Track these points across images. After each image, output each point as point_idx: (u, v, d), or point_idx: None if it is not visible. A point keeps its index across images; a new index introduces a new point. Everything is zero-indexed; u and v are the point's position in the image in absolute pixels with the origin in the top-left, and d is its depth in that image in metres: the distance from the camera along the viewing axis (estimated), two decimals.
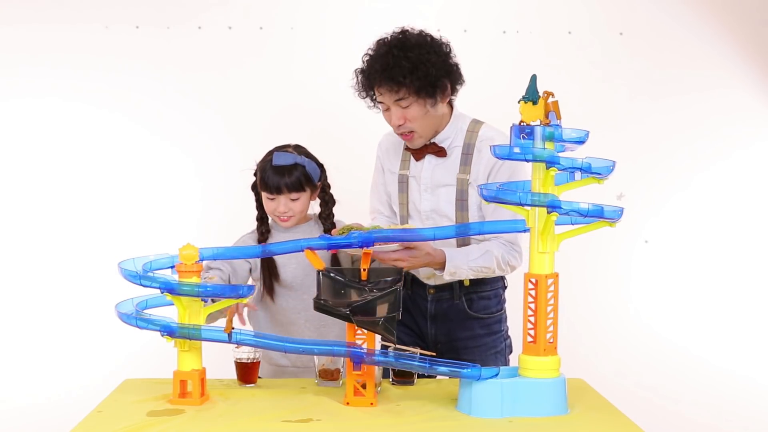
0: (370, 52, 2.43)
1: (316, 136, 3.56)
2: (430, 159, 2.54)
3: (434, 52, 2.38)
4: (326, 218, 2.61)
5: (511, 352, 2.65)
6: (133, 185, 3.63)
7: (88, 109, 3.61)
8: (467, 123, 2.54)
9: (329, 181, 2.63)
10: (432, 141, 2.52)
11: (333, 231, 2.37)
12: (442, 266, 2.40)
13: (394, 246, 2.25)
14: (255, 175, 2.61)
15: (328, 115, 3.59)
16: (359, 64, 2.46)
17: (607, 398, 2.22)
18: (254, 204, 2.63)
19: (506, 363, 2.63)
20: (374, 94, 2.45)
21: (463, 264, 2.41)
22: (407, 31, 2.42)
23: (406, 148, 2.57)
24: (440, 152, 2.51)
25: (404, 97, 2.38)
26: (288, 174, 2.51)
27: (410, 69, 2.33)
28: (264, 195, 2.56)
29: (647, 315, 3.73)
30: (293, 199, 2.53)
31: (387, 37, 2.42)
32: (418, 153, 2.54)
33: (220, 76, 3.63)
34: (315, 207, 2.66)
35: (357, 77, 2.46)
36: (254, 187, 2.62)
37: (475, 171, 2.49)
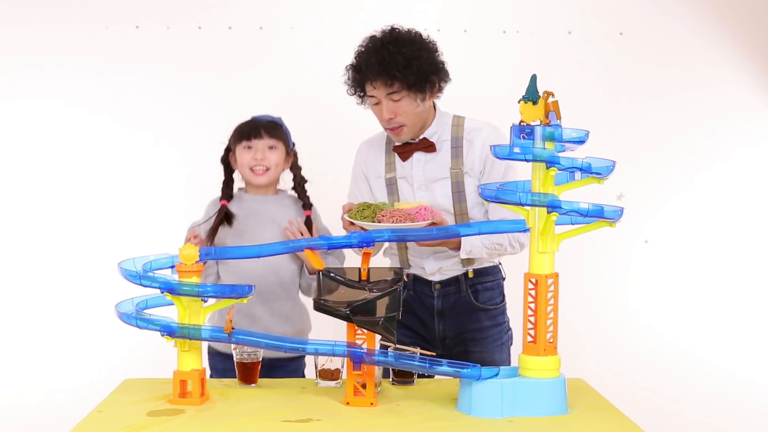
0: (362, 48, 2.49)
1: (316, 135, 3.57)
2: (418, 156, 2.57)
3: (425, 48, 2.47)
4: (301, 191, 2.69)
5: (512, 343, 2.69)
6: (133, 185, 3.63)
7: (88, 109, 3.61)
8: (450, 118, 2.61)
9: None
10: (422, 137, 2.56)
11: (345, 205, 2.42)
12: (457, 246, 2.46)
13: (424, 223, 2.30)
14: (228, 142, 2.70)
15: (328, 115, 3.58)
16: (345, 82, 2.54)
17: (607, 398, 2.22)
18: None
19: (509, 355, 2.67)
20: (364, 92, 2.51)
21: (477, 241, 2.47)
22: (396, 28, 2.49)
23: (394, 149, 2.59)
24: (430, 147, 2.55)
25: (397, 90, 2.44)
26: (266, 123, 2.65)
27: (404, 64, 2.41)
28: (240, 147, 2.63)
29: (647, 315, 3.73)
30: (270, 147, 2.62)
31: (377, 34, 2.48)
32: (405, 153, 2.57)
33: (220, 76, 3.63)
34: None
35: (348, 73, 2.52)
36: (224, 159, 2.71)
37: (469, 160, 2.53)
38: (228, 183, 2.72)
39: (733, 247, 3.73)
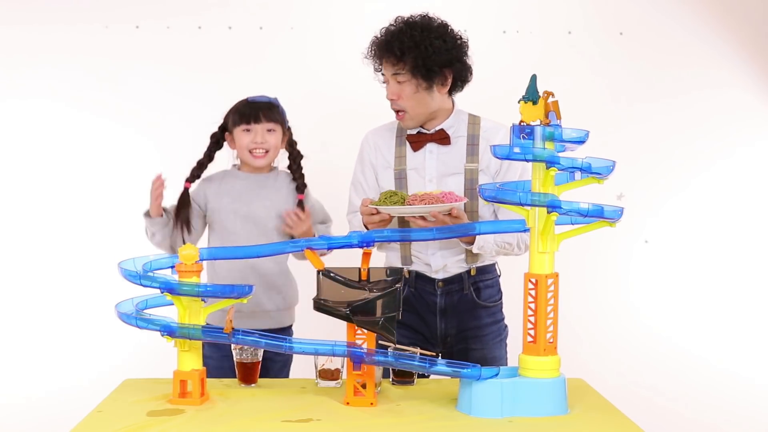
0: (388, 25, 2.52)
1: (316, 135, 3.57)
2: (431, 148, 2.57)
3: (443, 40, 2.47)
4: (296, 171, 2.69)
5: (507, 337, 2.71)
6: (133, 185, 3.61)
7: (87, 109, 3.61)
8: (466, 116, 2.61)
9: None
10: (438, 128, 2.56)
11: (365, 199, 2.41)
12: (471, 241, 2.48)
13: (455, 204, 2.32)
14: (223, 120, 2.70)
15: (328, 115, 3.58)
16: (365, 56, 2.58)
17: (607, 398, 2.22)
18: None
19: (506, 351, 2.68)
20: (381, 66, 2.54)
21: (490, 238, 2.48)
22: (427, 15, 2.52)
23: (407, 138, 2.58)
24: (445, 140, 2.55)
25: (400, 72, 2.47)
26: (264, 106, 2.65)
27: (411, 46, 2.43)
28: (239, 129, 2.64)
29: (647, 315, 3.73)
30: (269, 130, 2.64)
31: (406, 16, 2.51)
32: (418, 143, 2.57)
33: (220, 76, 3.63)
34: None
35: (371, 46, 2.55)
36: (214, 135, 2.71)
37: (485, 159, 2.53)
38: (203, 164, 2.71)
39: (733, 247, 3.73)
